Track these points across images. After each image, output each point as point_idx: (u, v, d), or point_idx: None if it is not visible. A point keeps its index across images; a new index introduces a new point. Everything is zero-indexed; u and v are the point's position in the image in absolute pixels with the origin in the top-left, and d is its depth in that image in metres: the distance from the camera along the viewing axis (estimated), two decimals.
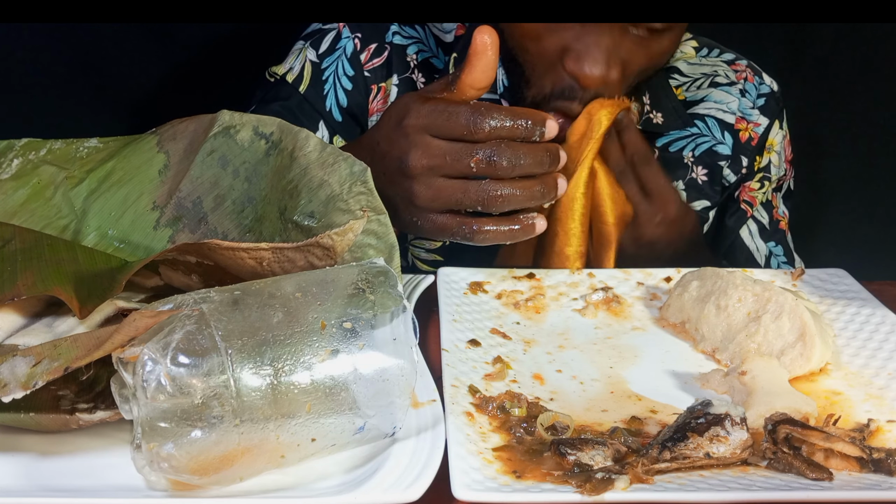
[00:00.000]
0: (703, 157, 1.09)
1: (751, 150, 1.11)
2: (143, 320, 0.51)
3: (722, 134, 1.09)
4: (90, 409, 0.58)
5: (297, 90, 1.04)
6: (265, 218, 0.72)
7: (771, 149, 1.12)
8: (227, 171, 0.75)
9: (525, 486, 0.55)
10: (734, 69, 1.12)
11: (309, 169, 0.69)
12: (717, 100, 1.10)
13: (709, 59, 1.13)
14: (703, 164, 1.09)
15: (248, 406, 0.51)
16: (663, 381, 0.70)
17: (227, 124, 0.76)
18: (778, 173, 1.13)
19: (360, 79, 1.04)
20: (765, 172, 1.12)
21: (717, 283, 0.76)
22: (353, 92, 1.04)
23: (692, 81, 1.11)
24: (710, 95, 1.10)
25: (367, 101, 1.05)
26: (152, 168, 0.79)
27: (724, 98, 1.10)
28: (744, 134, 1.10)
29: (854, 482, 0.56)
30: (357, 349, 0.54)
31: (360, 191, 0.67)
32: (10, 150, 0.81)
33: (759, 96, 1.11)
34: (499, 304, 0.81)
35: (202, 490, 0.53)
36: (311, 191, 0.69)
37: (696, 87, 1.11)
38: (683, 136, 1.08)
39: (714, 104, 1.10)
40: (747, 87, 1.11)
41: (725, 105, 1.10)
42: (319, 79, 1.04)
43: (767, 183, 1.12)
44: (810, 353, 0.69)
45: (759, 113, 1.11)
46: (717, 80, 1.11)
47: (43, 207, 0.78)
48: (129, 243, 0.76)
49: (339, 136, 1.04)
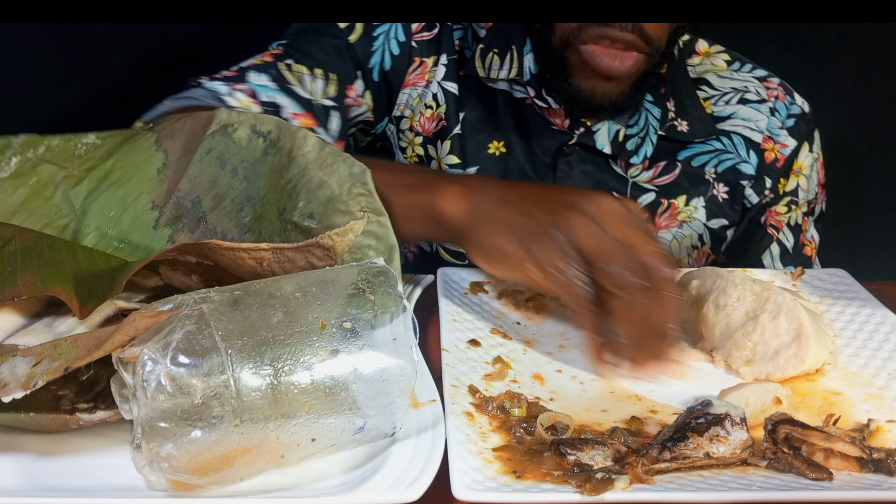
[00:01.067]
0: (725, 175, 1.06)
1: (775, 171, 1.07)
2: (143, 320, 0.51)
3: (747, 153, 1.06)
4: (90, 409, 0.58)
5: (347, 37, 1.02)
6: (264, 217, 0.72)
7: (799, 172, 1.08)
8: (226, 170, 0.75)
9: (525, 486, 0.55)
10: (765, 86, 1.09)
11: (308, 169, 0.69)
12: (744, 117, 1.07)
13: (740, 73, 1.10)
14: (724, 181, 1.06)
15: (248, 406, 0.51)
16: (663, 381, 0.70)
17: (224, 122, 0.75)
18: (807, 197, 1.09)
19: (408, 47, 1.04)
20: (792, 196, 1.09)
21: (716, 283, 0.76)
22: (399, 58, 1.04)
23: (721, 95, 1.08)
24: (738, 112, 1.07)
25: (406, 70, 1.04)
26: (151, 167, 0.78)
27: (753, 116, 1.07)
28: (769, 154, 1.07)
29: (854, 482, 0.56)
30: (357, 349, 0.54)
31: (359, 192, 0.67)
32: (8, 148, 0.80)
33: (788, 116, 1.08)
34: (499, 305, 0.81)
35: (202, 490, 0.53)
36: (310, 192, 0.68)
37: (725, 101, 1.07)
38: (707, 150, 1.06)
39: (742, 121, 1.07)
40: (777, 107, 1.08)
41: (753, 123, 1.07)
42: (370, 35, 1.03)
43: (795, 207, 1.09)
44: (805, 354, 0.69)
45: (787, 134, 1.07)
46: (747, 96, 1.08)
47: (43, 207, 0.78)
48: (129, 243, 0.76)
49: (369, 92, 1.03)
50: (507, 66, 1.01)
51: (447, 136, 1.04)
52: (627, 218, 0.69)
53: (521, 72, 1.01)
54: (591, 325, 0.68)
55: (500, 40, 1.02)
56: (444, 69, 1.04)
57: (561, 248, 0.68)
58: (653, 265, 0.67)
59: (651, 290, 0.66)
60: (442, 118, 1.04)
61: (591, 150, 1.02)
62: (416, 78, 1.04)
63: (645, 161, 1.03)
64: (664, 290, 0.67)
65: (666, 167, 1.04)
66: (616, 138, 1.02)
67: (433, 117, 1.04)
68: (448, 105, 1.04)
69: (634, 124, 1.02)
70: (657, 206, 1.05)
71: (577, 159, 1.02)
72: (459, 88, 1.04)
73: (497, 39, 1.02)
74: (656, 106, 1.03)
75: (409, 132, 1.06)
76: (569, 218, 0.69)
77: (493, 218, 0.72)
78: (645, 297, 0.66)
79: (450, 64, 1.04)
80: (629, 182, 1.03)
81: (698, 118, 1.05)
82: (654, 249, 0.68)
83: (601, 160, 1.03)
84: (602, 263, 0.67)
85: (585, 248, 0.67)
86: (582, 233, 0.68)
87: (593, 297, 0.68)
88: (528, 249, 0.69)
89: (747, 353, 0.71)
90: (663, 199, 1.04)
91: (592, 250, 0.67)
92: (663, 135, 1.03)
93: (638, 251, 0.67)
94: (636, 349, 0.68)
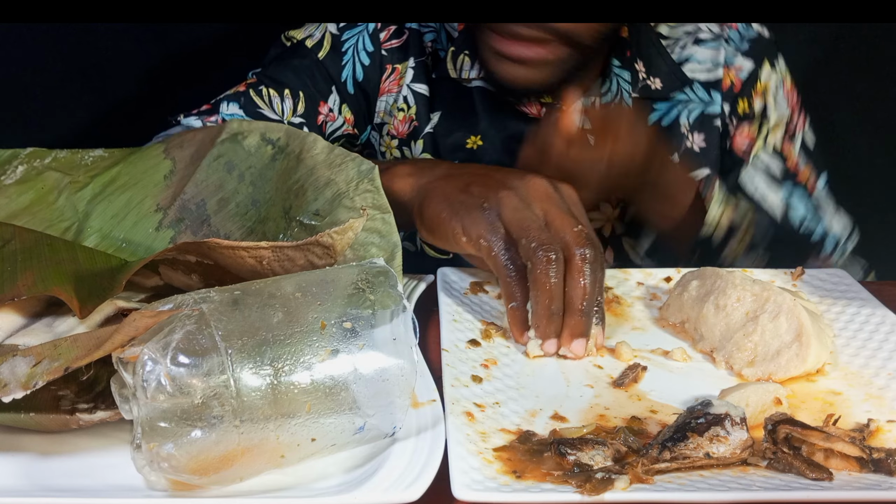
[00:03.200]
0: (697, 124, 1.05)
1: (733, 96, 1.06)
2: (143, 320, 0.51)
3: (709, 94, 1.05)
4: (90, 409, 0.58)
5: (316, 55, 1.04)
6: (269, 218, 0.73)
7: (764, 92, 1.06)
8: (233, 176, 0.75)
9: (525, 486, 0.55)
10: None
11: (316, 169, 0.70)
12: (700, 59, 1.05)
13: None
14: (698, 129, 1.05)
15: (248, 406, 0.51)
16: (663, 381, 0.70)
17: (234, 131, 0.76)
18: (781, 116, 1.07)
19: (378, 56, 1.05)
20: (761, 119, 1.07)
21: (716, 283, 0.76)
22: (370, 68, 1.05)
23: (675, 42, 1.06)
24: (694, 55, 1.05)
25: (380, 79, 1.05)
26: (158, 173, 0.79)
27: (708, 55, 1.05)
28: (726, 81, 1.06)
29: (854, 482, 0.56)
30: (357, 349, 0.54)
31: (366, 188, 0.67)
32: (15, 158, 0.82)
33: (743, 40, 1.06)
34: (499, 304, 0.81)
35: (202, 490, 0.53)
36: (317, 189, 0.69)
37: (680, 47, 1.06)
38: (671, 106, 1.04)
39: (698, 65, 1.05)
40: (731, 35, 1.06)
41: (710, 61, 1.05)
42: (339, 50, 1.04)
43: (766, 126, 1.07)
44: (806, 353, 0.69)
45: (742, 57, 1.06)
46: (701, 35, 1.06)
47: (46, 211, 0.78)
48: (131, 243, 0.76)
49: (346, 106, 1.04)
50: (478, 66, 1.01)
51: (419, 136, 1.05)
52: (555, 199, 0.75)
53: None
54: (510, 295, 0.73)
55: (470, 42, 1.02)
56: (412, 72, 1.05)
57: (489, 221, 0.73)
58: (571, 243, 0.71)
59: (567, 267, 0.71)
60: (413, 119, 1.05)
61: None
62: (391, 84, 1.05)
63: None
64: (580, 268, 0.71)
65: None
66: None
67: (405, 119, 1.05)
68: (418, 106, 1.04)
69: (607, 91, 1.01)
70: None
71: None
72: (432, 89, 1.05)
73: (468, 41, 1.02)
74: (625, 69, 1.01)
75: (387, 136, 1.07)
76: (500, 194, 0.74)
77: (436, 193, 0.78)
78: (558, 272, 0.70)
79: (417, 66, 1.05)
80: None
81: (668, 72, 1.04)
82: (576, 230, 0.72)
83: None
84: (522, 238, 0.71)
85: (508, 223, 0.73)
86: (508, 208, 0.73)
87: (517, 271, 0.73)
88: (461, 222, 0.74)
89: (748, 355, 0.71)
90: None
91: (514, 225, 0.72)
92: (637, 97, 1.02)
93: (558, 229, 0.72)
94: (546, 322, 0.71)
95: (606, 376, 0.70)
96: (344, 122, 1.05)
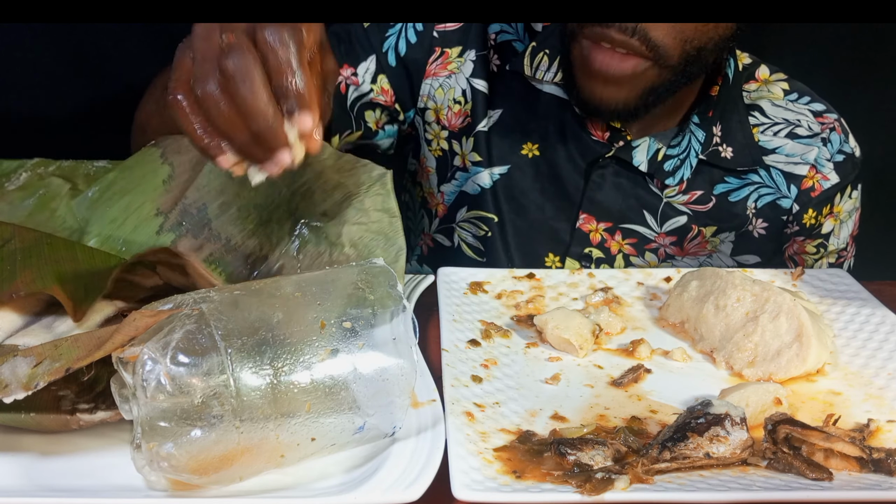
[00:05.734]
0: (764, 210, 1.02)
1: (807, 199, 1.02)
2: (143, 320, 0.51)
3: (788, 188, 1.01)
4: (91, 410, 0.58)
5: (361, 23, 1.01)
6: (272, 221, 0.73)
7: (837, 216, 1.04)
8: (235, 181, 0.75)
9: (525, 486, 0.55)
10: (820, 121, 1.03)
11: (324, 172, 0.70)
12: (789, 153, 1.01)
13: (796, 105, 1.04)
14: (763, 216, 1.02)
15: (247, 405, 0.51)
16: (663, 382, 0.70)
17: None
18: (837, 245, 1.05)
19: (427, 36, 1.01)
20: (824, 240, 1.04)
21: (716, 283, 0.76)
22: (416, 46, 1.01)
23: (770, 125, 1.02)
24: (784, 148, 1.01)
25: (426, 59, 1.02)
26: (157, 178, 0.79)
27: (799, 150, 1.01)
28: (808, 182, 1.01)
29: (854, 482, 0.56)
30: (357, 349, 0.54)
31: (377, 191, 0.67)
32: (21, 167, 0.83)
33: (839, 152, 1.03)
34: (499, 304, 0.81)
35: (202, 490, 0.53)
36: (325, 192, 0.69)
37: (773, 132, 1.02)
38: (744, 184, 1.01)
39: (785, 157, 1.01)
40: (832, 138, 1.02)
41: (799, 157, 1.01)
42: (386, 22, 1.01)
43: (823, 251, 1.05)
44: (806, 353, 0.69)
45: (832, 168, 1.02)
46: (798, 130, 1.02)
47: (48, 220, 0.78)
48: (132, 246, 0.77)
49: (385, 77, 1.01)
50: (555, 69, 0.98)
51: (472, 132, 1.02)
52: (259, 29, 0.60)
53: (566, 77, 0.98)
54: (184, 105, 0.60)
55: (554, 41, 0.99)
56: (472, 65, 1.01)
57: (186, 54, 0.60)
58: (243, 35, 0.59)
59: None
60: (468, 115, 1.02)
61: (628, 165, 0.98)
62: (438, 68, 1.02)
63: (682, 184, 0.99)
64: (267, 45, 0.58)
65: (701, 197, 1.00)
66: (655, 157, 0.98)
67: (460, 113, 1.02)
68: (475, 103, 1.02)
69: (676, 145, 0.99)
70: (688, 231, 1.02)
71: (612, 173, 0.99)
72: (493, 85, 1.02)
73: (552, 39, 0.99)
74: (701, 129, 0.99)
75: (436, 125, 1.04)
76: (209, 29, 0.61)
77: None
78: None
79: (478, 60, 1.02)
80: (663, 201, 1.00)
81: (745, 145, 1.00)
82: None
83: (637, 177, 0.99)
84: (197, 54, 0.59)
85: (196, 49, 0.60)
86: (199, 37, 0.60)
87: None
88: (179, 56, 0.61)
89: (748, 355, 0.71)
90: (694, 226, 1.01)
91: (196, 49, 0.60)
92: (704, 159, 0.99)
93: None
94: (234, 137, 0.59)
95: (606, 376, 0.70)
96: (376, 91, 1.01)
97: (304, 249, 0.70)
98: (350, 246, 0.67)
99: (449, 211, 1.07)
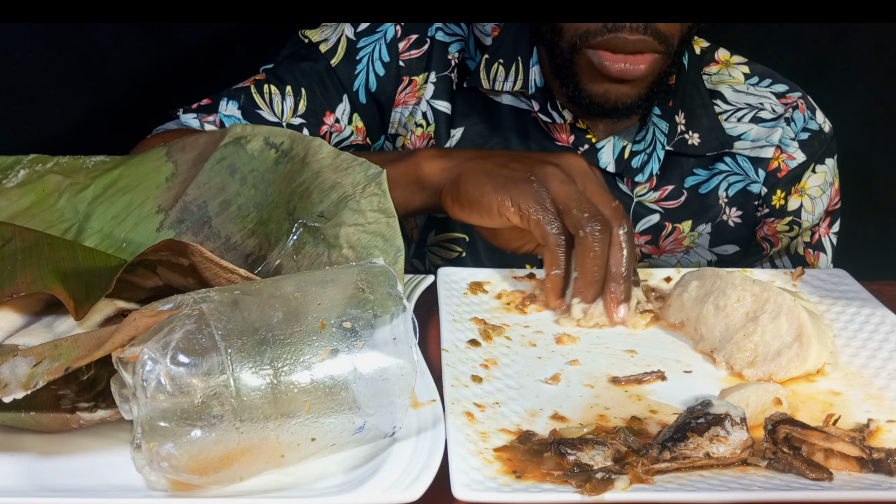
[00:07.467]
0: (737, 198, 1.02)
1: (775, 181, 1.03)
2: (143, 320, 0.51)
3: (755, 172, 1.03)
4: (91, 409, 0.58)
5: (328, 62, 1.01)
6: (271, 220, 0.73)
7: (803, 192, 1.04)
8: (235, 178, 0.75)
9: (525, 486, 0.55)
10: (783, 102, 1.03)
11: (322, 172, 0.70)
12: (753, 138, 1.02)
13: (757, 88, 1.04)
14: (737, 204, 1.03)
15: (247, 405, 0.51)
16: (664, 382, 0.70)
17: (238, 135, 0.76)
18: (812, 221, 1.05)
19: (394, 67, 1.02)
20: (794, 217, 1.04)
21: (716, 283, 0.76)
22: (384, 78, 1.02)
23: (733, 111, 1.03)
24: (749, 133, 1.02)
25: (395, 90, 1.03)
26: (160, 175, 0.79)
27: (763, 134, 1.02)
28: (773, 163, 1.02)
29: (854, 482, 0.56)
30: (357, 349, 0.54)
31: (373, 192, 0.67)
32: (18, 164, 0.82)
33: (804, 130, 1.03)
34: (499, 304, 0.81)
35: (202, 490, 0.53)
36: (322, 192, 0.69)
37: (737, 118, 1.03)
38: (714, 173, 1.02)
39: (751, 143, 1.02)
40: (795, 117, 1.03)
41: (764, 139, 1.02)
42: (353, 57, 1.02)
43: (797, 228, 1.05)
44: (807, 353, 0.69)
45: (797, 147, 1.02)
46: (761, 114, 1.03)
47: (47, 213, 0.78)
48: (132, 244, 0.77)
49: (357, 115, 1.02)
50: (513, 77, 0.99)
51: None
52: (592, 177, 0.80)
53: (526, 84, 0.98)
54: (554, 261, 0.77)
55: (506, 50, 0.99)
56: (432, 87, 1.02)
57: (537, 193, 0.77)
58: (611, 217, 0.77)
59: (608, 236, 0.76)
60: (431, 137, 1.02)
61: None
62: (407, 97, 1.03)
63: (651, 179, 1.00)
64: (619, 239, 0.77)
65: (672, 192, 1.01)
66: (621, 155, 0.99)
67: (423, 136, 1.03)
68: (437, 124, 1.02)
69: (641, 140, 0.99)
70: (661, 230, 1.02)
71: None
72: (456, 104, 1.02)
73: (503, 49, 0.99)
74: (664, 120, 0.99)
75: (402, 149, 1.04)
76: (544, 169, 0.79)
77: (472, 170, 0.81)
78: (603, 242, 0.76)
79: (439, 81, 1.02)
80: (633, 201, 1.01)
81: (710, 128, 1.00)
82: (614, 205, 0.78)
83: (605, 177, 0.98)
84: (572, 209, 0.76)
85: (557, 196, 0.77)
86: (555, 181, 0.78)
87: (562, 241, 0.77)
88: (508, 194, 0.78)
89: (748, 355, 0.71)
90: (667, 223, 1.02)
91: (563, 197, 0.77)
92: (671, 150, 0.99)
93: (598, 204, 0.77)
94: (588, 285, 0.76)
95: (606, 376, 0.70)
96: (353, 132, 1.03)
97: (302, 250, 0.70)
98: (348, 247, 0.67)
99: (421, 235, 1.07)
